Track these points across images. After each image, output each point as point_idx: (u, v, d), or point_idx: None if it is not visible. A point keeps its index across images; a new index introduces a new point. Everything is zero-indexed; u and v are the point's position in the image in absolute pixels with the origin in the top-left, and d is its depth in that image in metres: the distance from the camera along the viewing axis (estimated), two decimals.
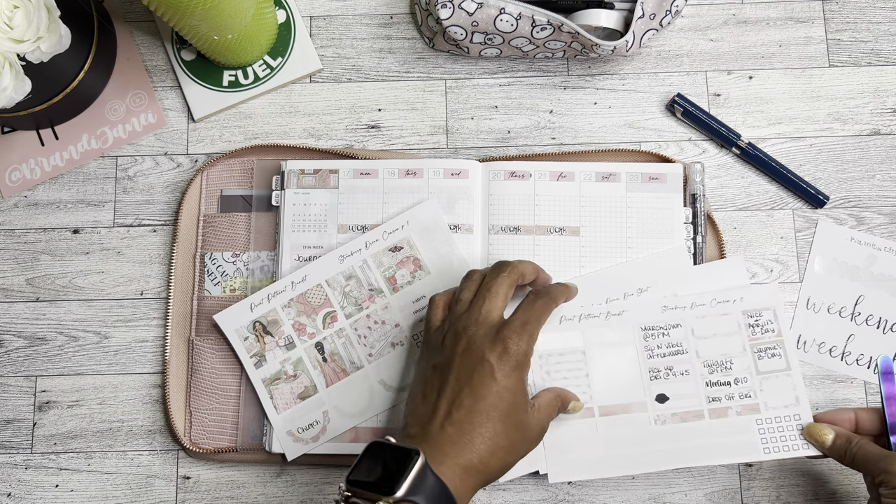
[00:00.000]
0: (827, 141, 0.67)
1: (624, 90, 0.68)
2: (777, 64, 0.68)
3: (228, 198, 0.66)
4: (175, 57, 0.68)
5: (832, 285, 0.64)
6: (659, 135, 0.67)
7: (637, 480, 0.62)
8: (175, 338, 0.64)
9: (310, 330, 0.62)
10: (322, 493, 0.62)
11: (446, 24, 0.62)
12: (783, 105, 0.67)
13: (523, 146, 0.67)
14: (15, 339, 0.65)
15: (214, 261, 0.64)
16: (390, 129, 0.68)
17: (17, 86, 0.57)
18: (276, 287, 0.62)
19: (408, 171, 0.64)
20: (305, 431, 0.61)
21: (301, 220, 0.64)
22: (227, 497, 0.62)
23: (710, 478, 0.62)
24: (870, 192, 0.66)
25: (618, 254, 0.63)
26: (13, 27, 0.55)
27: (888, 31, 0.68)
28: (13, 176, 0.67)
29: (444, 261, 0.63)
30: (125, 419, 0.64)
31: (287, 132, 0.68)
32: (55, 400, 0.64)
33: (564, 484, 0.62)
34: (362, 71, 0.69)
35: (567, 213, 0.63)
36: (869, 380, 0.63)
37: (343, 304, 0.62)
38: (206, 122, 0.68)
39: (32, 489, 0.63)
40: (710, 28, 0.69)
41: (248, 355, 0.62)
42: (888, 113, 0.67)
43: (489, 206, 0.64)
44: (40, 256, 0.66)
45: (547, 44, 0.64)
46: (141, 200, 0.67)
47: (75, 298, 0.65)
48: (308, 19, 0.69)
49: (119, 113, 0.68)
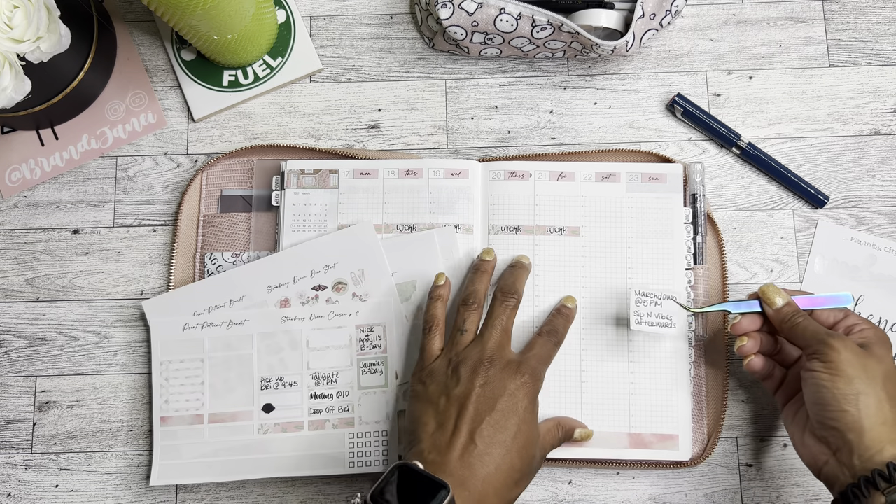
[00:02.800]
0: (827, 141, 0.67)
1: (624, 90, 0.68)
2: (777, 64, 0.68)
3: (228, 198, 0.66)
4: (175, 57, 0.68)
5: (832, 285, 0.64)
6: (659, 135, 0.67)
7: (637, 480, 0.62)
8: None
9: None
10: (322, 494, 0.62)
11: (446, 24, 0.62)
12: (783, 105, 0.67)
13: (523, 146, 0.67)
14: (15, 339, 0.65)
15: (214, 261, 0.64)
16: (390, 129, 0.68)
17: (17, 86, 0.57)
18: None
19: (408, 171, 0.64)
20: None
21: (301, 220, 0.64)
22: (227, 497, 0.62)
23: (710, 478, 0.62)
24: (870, 192, 0.66)
25: (618, 254, 0.63)
26: (13, 27, 0.55)
27: (888, 31, 0.68)
28: (13, 176, 0.67)
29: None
30: (125, 419, 0.64)
31: (287, 132, 0.68)
32: (55, 400, 0.64)
33: (564, 484, 0.62)
34: (362, 71, 0.69)
35: (567, 213, 0.63)
36: None
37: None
38: (206, 122, 0.68)
39: (32, 489, 0.63)
40: (710, 28, 0.69)
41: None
42: (888, 113, 0.67)
43: (489, 206, 0.64)
44: (40, 256, 0.66)
45: (547, 44, 0.64)
46: (141, 200, 0.67)
47: (75, 298, 0.65)
48: (308, 19, 0.69)
49: (119, 113, 0.68)
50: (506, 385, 0.53)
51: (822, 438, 0.51)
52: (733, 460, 0.62)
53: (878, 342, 0.53)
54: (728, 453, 0.62)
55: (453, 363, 0.55)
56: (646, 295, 0.59)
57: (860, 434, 0.49)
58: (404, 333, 0.62)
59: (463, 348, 0.56)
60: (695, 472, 0.62)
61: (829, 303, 0.56)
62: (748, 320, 0.57)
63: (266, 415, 0.61)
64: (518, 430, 0.52)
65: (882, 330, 0.55)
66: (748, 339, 0.57)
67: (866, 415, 0.49)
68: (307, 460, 0.60)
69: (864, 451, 0.48)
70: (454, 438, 0.52)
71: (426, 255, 0.62)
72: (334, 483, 0.62)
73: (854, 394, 0.50)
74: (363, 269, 0.62)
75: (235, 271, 0.62)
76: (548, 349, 0.57)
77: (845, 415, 0.50)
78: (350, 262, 0.62)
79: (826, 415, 0.51)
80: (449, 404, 0.53)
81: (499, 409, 0.52)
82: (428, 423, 0.53)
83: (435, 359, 0.57)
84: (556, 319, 0.60)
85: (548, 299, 0.62)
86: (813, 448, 0.52)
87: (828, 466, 0.51)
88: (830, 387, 0.50)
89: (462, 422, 0.52)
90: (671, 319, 0.58)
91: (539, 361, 0.56)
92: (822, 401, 0.51)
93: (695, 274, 0.62)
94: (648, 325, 0.58)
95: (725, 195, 0.66)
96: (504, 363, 0.55)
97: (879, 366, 0.51)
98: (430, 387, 0.55)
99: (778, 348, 0.58)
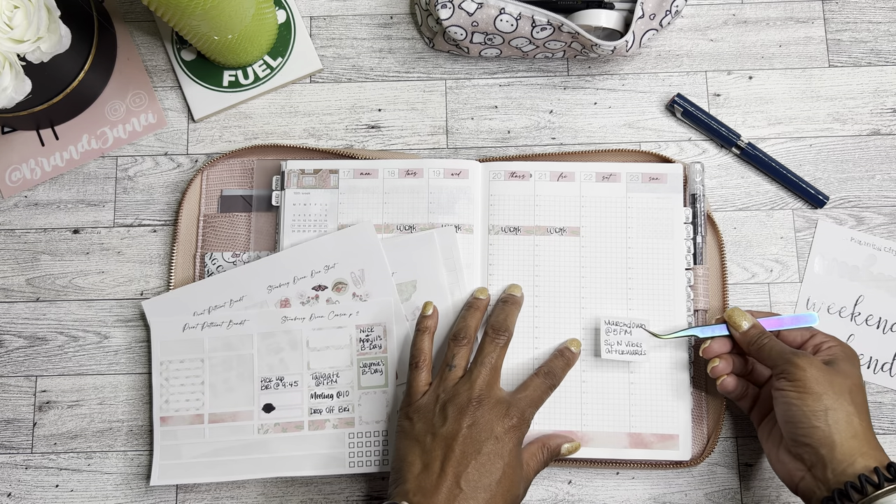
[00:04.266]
0: (827, 141, 0.67)
1: (624, 90, 0.68)
2: (777, 64, 0.68)
3: (228, 198, 0.66)
4: (175, 57, 0.68)
5: (832, 285, 0.65)
6: (659, 135, 0.67)
7: (637, 480, 0.62)
8: None
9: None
10: (322, 494, 0.62)
11: (446, 24, 0.62)
12: (783, 105, 0.67)
13: (523, 146, 0.67)
14: (15, 339, 0.65)
15: (214, 261, 0.64)
16: (390, 129, 0.68)
17: (18, 86, 0.57)
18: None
19: (408, 171, 0.64)
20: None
21: (301, 220, 0.64)
22: (227, 497, 0.62)
23: (710, 478, 0.62)
24: (870, 192, 0.66)
25: (618, 254, 0.63)
26: (13, 27, 0.55)
27: (888, 31, 0.68)
28: (13, 176, 0.67)
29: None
30: (125, 419, 0.64)
31: (287, 132, 0.68)
32: (55, 400, 0.64)
33: (564, 483, 0.62)
34: (362, 71, 0.69)
35: (567, 214, 0.63)
36: (869, 380, 0.63)
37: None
38: (206, 122, 0.68)
39: (32, 489, 0.63)
40: (710, 28, 0.69)
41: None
42: (888, 113, 0.67)
43: (489, 206, 0.64)
44: (40, 256, 0.66)
45: (547, 44, 0.64)
46: (141, 200, 0.67)
47: (75, 298, 0.65)
48: (308, 19, 0.69)
49: (119, 113, 0.68)
50: (493, 427, 0.53)
51: (797, 455, 0.52)
52: (733, 460, 0.62)
53: (844, 358, 0.54)
54: (728, 453, 0.62)
55: (441, 400, 0.55)
56: (615, 323, 0.60)
57: (832, 448, 0.50)
58: (404, 333, 0.62)
59: (452, 385, 0.56)
60: (695, 472, 0.62)
61: (795, 322, 0.58)
62: (718, 343, 0.59)
63: (266, 415, 0.61)
64: (503, 473, 0.53)
65: (849, 346, 0.56)
66: (720, 361, 0.58)
67: (836, 430, 0.50)
68: (307, 460, 0.60)
69: (837, 465, 0.50)
70: (440, 482, 0.52)
71: (426, 255, 0.62)
72: (334, 483, 0.63)
73: (823, 410, 0.51)
74: (363, 269, 0.62)
75: (235, 271, 0.62)
76: (541, 392, 0.57)
77: (816, 431, 0.51)
78: (350, 262, 0.62)
79: (798, 432, 0.52)
80: (435, 444, 0.53)
81: (485, 453, 0.53)
82: (414, 463, 0.53)
83: (422, 395, 0.57)
84: (555, 361, 0.59)
85: (548, 301, 0.62)
86: (788, 464, 0.53)
87: (804, 482, 0.52)
88: (800, 404, 0.52)
89: (448, 464, 0.52)
90: (641, 346, 0.60)
91: (529, 404, 0.56)
92: (792, 418, 0.52)
93: (695, 274, 0.62)
94: (619, 353, 0.60)
95: (725, 195, 0.66)
96: (493, 403, 0.55)
97: (846, 381, 0.52)
98: (416, 424, 0.55)
99: (750, 368, 0.60)
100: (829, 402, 0.51)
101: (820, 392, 0.51)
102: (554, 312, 0.62)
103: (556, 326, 0.62)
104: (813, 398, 0.51)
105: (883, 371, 0.63)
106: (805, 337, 0.57)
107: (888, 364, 0.63)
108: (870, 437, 0.51)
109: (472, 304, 0.60)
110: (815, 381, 0.52)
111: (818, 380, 0.52)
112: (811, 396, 0.51)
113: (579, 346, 0.60)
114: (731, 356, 0.59)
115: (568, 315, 0.62)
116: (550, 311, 0.62)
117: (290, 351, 0.61)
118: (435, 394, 0.56)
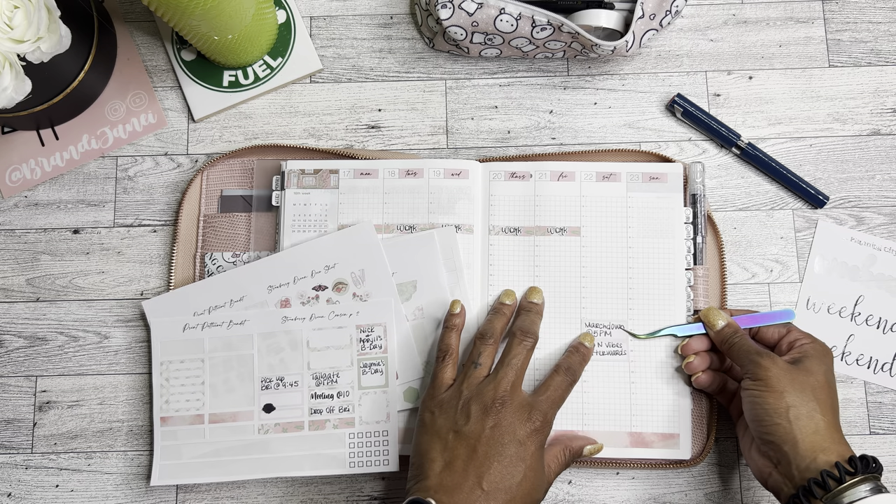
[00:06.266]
0: (827, 141, 0.67)
1: (624, 90, 0.68)
2: (777, 64, 0.68)
3: (228, 198, 0.66)
4: (175, 57, 0.68)
5: (832, 285, 0.65)
6: (659, 135, 0.67)
7: (637, 480, 0.62)
8: None
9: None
10: (322, 494, 0.62)
11: (446, 24, 0.62)
12: (783, 105, 0.67)
13: (523, 146, 0.67)
14: (15, 339, 0.65)
15: (214, 261, 0.64)
16: (390, 129, 0.68)
17: (18, 86, 0.57)
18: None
19: (408, 172, 0.64)
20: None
21: (301, 220, 0.64)
22: (228, 497, 0.62)
23: (710, 478, 0.62)
24: (870, 192, 0.66)
25: (618, 254, 0.63)
26: (13, 27, 0.55)
27: (888, 31, 0.68)
28: (13, 176, 0.67)
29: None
30: (125, 419, 0.64)
31: (287, 132, 0.68)
32: (55, 400, 0.64)
33: (564, 483, 0.62)
34: (362, 71, 0.69)
35: (567, 214, 0.63)
36: (869, 380, 0.63)
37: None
38: (207, 122, 0.68)
39: (32, 489, 0.63)
40: (710, 28, 0.69)
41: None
42: (888, 113, 0.67)
43: (489, 206, 0.64)
44: (40, 256, 0.66)
45: (547, 44, 0.64)
46: (141, 200, 0.67)
47: (75, 298, 0.65)
48: (308, 19, 0.69)
49: (119, 113, 0.68)
50: (515, 431, 0.53)
51: (764, 452, 0.53)
52: (733, 460, 0.62)
53: (814, 355, 0.55)
54: (728, 453, 0.63)
55: (465, 397, 0.55)
56: (595, 325, 0.61)
57: (794, 445, 0.51)
58: (404, 333, 0.62)
59: (476, 383, 0.56)
60: (695, 471, 0.62)
61: (771, 319, 0.60)
62: (697, 341, 0.60)
63: (266, 415, 0.61)
64: (524, 476, 0.53)
65: (822, 343, 0.57)
66: (696, 357, 0.59)
67: (797, 427, 0.51)
68: (307, 460, 0.60)
69: (800, 462, 0.50)
70: (462, 481, 0.52)
71: (426, 255, 0.62)
72: (334, 483, 0.63)
73: (784, 407, 0.52)
74: (363, 269, 0.62)
75: (236, 271, 0.62)
76: (562, 390, 0.57)
77: (778, 428, 0.52)
78: (350, 262, 0.62)
79: (762, 429, 0.53)
80: (457, 442, 0.53)
81: (507, 455, 0.53)
82: (436, 460, 0.53)
83: (447, 388, 0.57)
84: (573, 357, 0.59)
85: (549, 301, 0.62)
86: (758, 461, 0.54)
87: (772, 478, 0.53)
88: (762, 402, 0.53)
89: (471, 464, 0.52)
90: (621, 346, 0.61)
91: (551, 405, 0.56)
92: (757, 417, 0.53)
93: (695, 274, 0.62)
94: (600, 353, 0.61)
95: (725, 195, 0.66)
96: (516, 406, 0.55)
97: (808, 378, 0.53)
98: (438, 419, 0.55)
99: (728, 364, 0.61)
100: (791, 399, 0.52)
101: (781, 390, 0.52)
102: (554, 312, 0.62)
103: (557, 326, 0.62)
104: (775, 396, 0.52)
105: (883, 371, 0.63)
106: (782, 333, 0.59)
107: (888, 364, 0.63)
108: (833, 433, 0.51)
109: (499, 309, 0.60)
110: (778, 379, 0.53)
111: (780, 378, 0.53)
112: (773, 394, 0.52)
113: (593, 340, 0.61)
114: (708, 353, 0.60)
115: (568, 315, 0.62)
116: (551, 311, 0.62)
117: (291, 351, 0.61)
118: (458, 390, 0.56)
